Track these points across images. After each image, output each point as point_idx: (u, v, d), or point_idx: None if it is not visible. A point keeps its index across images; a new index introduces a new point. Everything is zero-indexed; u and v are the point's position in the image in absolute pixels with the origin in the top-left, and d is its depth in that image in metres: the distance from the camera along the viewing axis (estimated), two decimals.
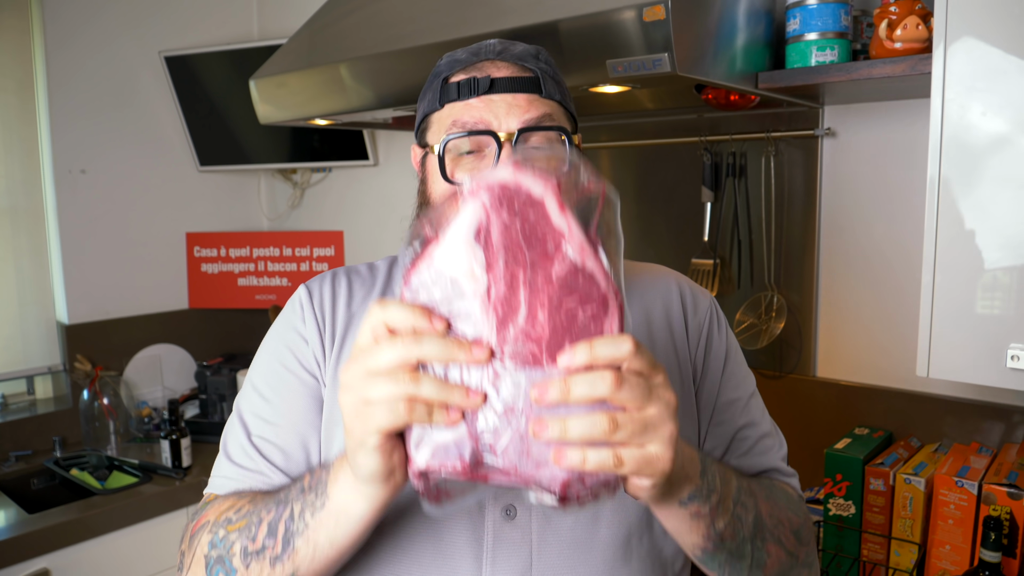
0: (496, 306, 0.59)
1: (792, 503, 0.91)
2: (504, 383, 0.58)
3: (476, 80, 0.84)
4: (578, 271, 0.60)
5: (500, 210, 0.60)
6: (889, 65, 1.27)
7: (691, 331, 0.94)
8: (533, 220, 0.60)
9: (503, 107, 0.83)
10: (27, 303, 2.47)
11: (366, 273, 0.96)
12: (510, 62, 0.86)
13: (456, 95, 0.85)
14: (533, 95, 0.85)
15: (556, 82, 0.88)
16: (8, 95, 2.39)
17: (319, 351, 0.89)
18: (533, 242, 0.60)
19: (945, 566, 1.38)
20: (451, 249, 0.60)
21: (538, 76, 0.86)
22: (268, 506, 0.77)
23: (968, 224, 1.15)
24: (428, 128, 0.89)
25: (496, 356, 0.58)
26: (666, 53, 1.19)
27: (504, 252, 0.60)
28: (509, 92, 0.84)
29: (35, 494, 2.23)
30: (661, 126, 1.92)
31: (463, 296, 0.60)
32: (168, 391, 2.73)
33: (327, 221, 2.87)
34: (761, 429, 0.96)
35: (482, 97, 0.84)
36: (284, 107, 1.93)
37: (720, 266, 1.84)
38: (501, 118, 0.83)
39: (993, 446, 1.51)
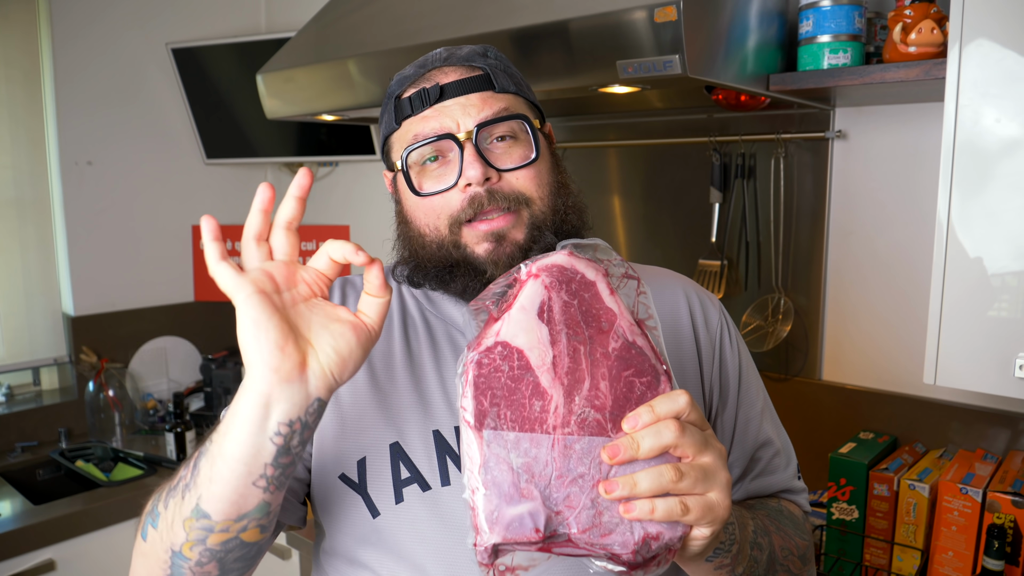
0: (563, 377, 0.63)
1: (798, 527, 0.91)
2: (574, 451, 0.62)
3: (426, 91, 0.84)
4: (630, 347, 0.65)
5: (560, 290, 0.66)
6: (903, 69, 1.26)
7: (703, 349, 0.93)
8: (588, 300, 0.67)
9: (458, 110, 0.83)
10: (33, 294, 2.48)
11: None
12: (457, 65, 0.86)
13: (410, 110, 0.85)
14: (486, 92, 0.84)
15: (509, 75, 0.87)
16: (15, 86, 2.39)
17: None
18: (590, 320, 0.66)
19: (947, 572, 1.37)
20: (517, 324, 0.65)
21: (488, 72, 0.85)
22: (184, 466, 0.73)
23: (979, 231, 1.14)
24: (391, 149, 0.89)
25: (565, 425, 0.62)
26: (677, 55, 1.19)
27: (566, 328, 0.65)
28: (461, 95, 0.83)
29: (41, 485, 2.24)
30: (670, 125, 1.91)
31: (529, 369, 0.63)
32: (173, 384, 2.74)
33: (333, 215, 2.87)
34: (774, 447, 0.96)
35: (435, 106, 0.83)
36: (291, 102, 1.92)
37: (727, 267, 1.83)
38: (457, 119, 0.82)
39: (999, 453, 1.50)
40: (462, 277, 0.84)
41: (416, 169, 0.85)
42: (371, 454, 0.83)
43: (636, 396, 0.64)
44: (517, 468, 0.61)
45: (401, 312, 0.91)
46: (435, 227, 0.84)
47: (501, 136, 0.83)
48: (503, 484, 0.61)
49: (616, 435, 0.62)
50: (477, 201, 0.81)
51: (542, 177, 0.85)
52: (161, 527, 0.72)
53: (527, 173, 0.83)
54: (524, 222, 0.83)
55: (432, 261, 0.85)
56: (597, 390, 0.63)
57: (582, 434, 0.62)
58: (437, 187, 0.83)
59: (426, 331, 0.89)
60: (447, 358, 0.87)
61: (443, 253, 0.84)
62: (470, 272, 0.83)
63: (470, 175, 0.80)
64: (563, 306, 0.66)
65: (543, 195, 0.84)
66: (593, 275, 0.68)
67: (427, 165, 0.84)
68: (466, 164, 0.81)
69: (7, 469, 2.20)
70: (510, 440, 0.62)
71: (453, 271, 0.84)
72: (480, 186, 0.81)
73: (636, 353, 0.65)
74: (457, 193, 0.82)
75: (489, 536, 0.60)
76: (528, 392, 0.63)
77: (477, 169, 0.80)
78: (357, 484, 0.84)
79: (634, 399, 0.63)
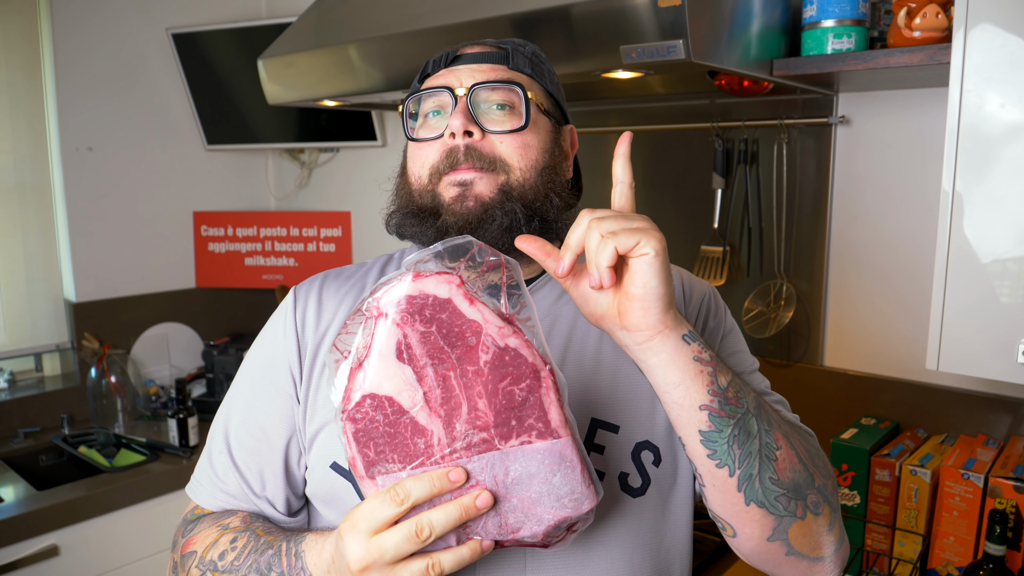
0: (438, 410, 0.64)
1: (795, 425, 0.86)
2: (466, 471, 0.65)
3: (446, 54, 0.89)
4: (503, 352, 0.65)
5: (413, 323, 0.64)
6: (907, 54, 1.25)
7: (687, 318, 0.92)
8: (447, 321, 0.65)
9: (465, 73, 0.86)
10: (35, 280, 2.48)
11: (355, 273, 0.96)
12: (486, 45, 0.90)
13: (429, 69, 0.91)
14: (499, 65, 0.87)
15: (531, 61, 0.89)
16: (15, 72, 2.38)
17: (296, 365, 0.90)
18: (454, 341, 0.65)
19: (948, 557, 1.38)
20: (379, 373, 0.64)
21: (508, 51, 0.88)
22: (257, 565, 0.79)
23: (982, 216, 1.14)
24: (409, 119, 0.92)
25: (452, 453, 0.64)
26: (680, 40, 1.18)
27: (430, 360, 0.64)
28: (476, 63, 0.87)
29: (44, 471, 2.25)
30: (672, 111, 1.91)
31: (403, 412, 0.64)
32: (175, 370, 2.74)
33: (334, 201, 2.86)
34: (760, 385, 0.93)
35: (450, 68, 0.88)
36: (292, 88, 1.92)
37: (730, 253, 1.83)
38: (462, 79, 0.86)
39: (1000, 439, 1.51)
40: (422, 223, 0.85)
41: (420, 121, 0.88)
42: None
43: (517, 403, 0.65)
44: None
45: None
46: (418, 174, 0.87)
47: (500, 104, 0.85)
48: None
49: (506, 445, 0.64)
50: (453, 155, 0.83)
51: (528, 150, 0.85)
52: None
53: (511, 139, 0.84)
54: (495, 184, 0.83)
55: (413, 209, 0.87)
56: (476, 411, 0.65)
57: (470, 455, 0.64)
58: (427, 135, 0.86)
59: None
60: None
61: (422, 202, 0.86)
62: (432, 218, 0.85)
63: (452, 124, 0.82)
64: (421, 338, 0.64)
65: (524, 167, 0.84)
66: (446, 292, 0.65)
67: (428, 118, 0.87)
68: (452, 115, 0.83)
69: (10, 455, 2.21)
70: (403, 478, 0.64)
71: (420, 216, 0.86)
72: (461, 139, 0.82)
73: (510, 359, 0.65)
74: (442, 143, 0.84)
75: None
76: (408, 433, 0.65)
77: (459, 119, 0.82)
78: (347, 472, 0.84)
79: (516, 407, 0.65)
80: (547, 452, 0.65)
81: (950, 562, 1.38)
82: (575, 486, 0.66)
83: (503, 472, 0.65)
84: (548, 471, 0.65)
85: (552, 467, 0.65)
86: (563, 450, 0.65)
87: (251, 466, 0.90)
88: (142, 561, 2.06)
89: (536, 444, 0.65)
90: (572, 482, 0.66)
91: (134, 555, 2.04)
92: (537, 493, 0.66)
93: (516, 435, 0.65)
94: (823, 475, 0.82)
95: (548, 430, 0.65)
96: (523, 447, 0.65)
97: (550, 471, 0.65)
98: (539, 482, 0.65)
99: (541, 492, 0.66)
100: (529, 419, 0.65)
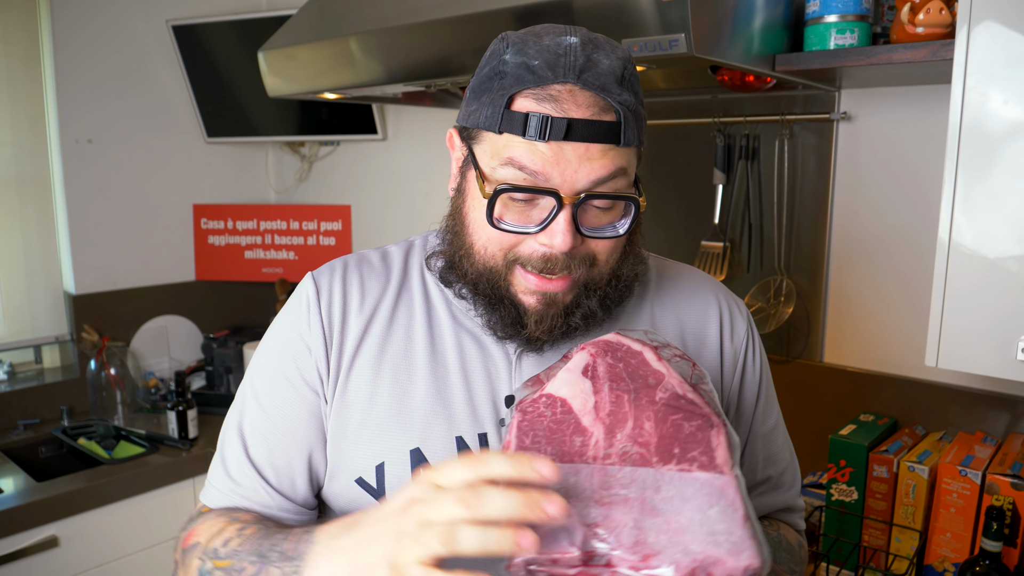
0: (604, 419, 0.65)
1: (792, 557, 0.90)
2: (616, 479, 0.61)
3: (551, 121, 0.71)
4: (680, 398, 0.66)
5: (604, 356, 0.69)
6: (910, 50, 1.25)
7: (726, 360, 0.91)
8: (635, 364, 0.69)
9: (573, 160, 0.72)
10: (34, 272, 2.47)
11: (379, 263, 0.89)
12: (592, 91, 0.72)
13: (522, 132, 0.72)
14: (609, 145, 0.73)
15: (636, 117, 0.75)
16: (14, 63, 2.37)
17: (323, 363, 0.84)
18: (636, 377, 0.67)
19: (945, 553, 1.38)
20: (562, 381, 0.67)
21: (620, 120, 0.73)
22: (252, 555, 0.74)
23: (982, 214, 1.14)
24: (478, 140, 0.77)
25: (606, 457, 0.63)
26: (683, 34, 1.17)
27: (609, 381, 0.67)
28: (583, 141, 0.72)
29: (43, 462, 2.25)
30: (674, 106, 1.90)
31: (572, 413, 0.65)
32: (175, 362, 2.74)
33: (335, 195, 2.86)
34: (784, 463, 0.96)
35: (552, 143, 0.71)
36: (293, 80, 1.91)
37: (730, 249, 1.83)
38: (567, 172, 0.72)
39: (998, 436, 1.51)
40: (503, 316, 0.79)
41: (503, 199, 0.75)
42: (390, 459, 0.81)
43: (684, 435, 0.62)
44: (555, 491, 0.59)
45: (425, 305, 0.86)
46: (492, 255, 0.77)
47: (600, 206, 0.76)
48: None
49: (663, 467, 0.61)
50: (551, 263, 0.75)
51: (619, 244, 0.79)
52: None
53: (607, 242, 0.78)
54: (578, 283, 0.78)
55: (473, 279, 0.80)
56: (641, 428, 0.63)
57: (624, 464, 0.62)
58: (516, 227, 0.75)
59: (453, 333, 0.84)
60: (473, 362, 0.83)
61: (491, 279, 0.78)
62: (510, 317, 0.79)
63: (557, 243, 0.73)
64: (608, 367, 0.68)
65: (611, 260, 0.79)
66: (639, 347, 0.70)
67: (515, 202, 0.75)
68: (557, 229, 0.73)
69: (10, 446, 2.21)
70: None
71: (494, 304, 0.79)
72: (563, 254, 0.74)
73: (686, 403, 0.65)
74: (532, 241, 0.75)
75: (521, 552, 0.57)
76: (570, 431, 0.64)
77: (567, 240, 0.73)
78: (375, 490, 0.81)
79: (682, 438, 0.62)
80: (706, 483, 0.60)
81: (947, 558, 1.38)
82: (734, 528, 0.59)
83: (653, 489, 0.60)
84: (704, 501, 0.59)
85: (709, 499, 0.59)
86: (725, 487, 0.60)
87: (266, 462, 0.85)
88: (141, 553, 2.06)
89: (696, 473, 0.61)
90: (730, 522, 0.59)
91: (133, 546, 2.05)
92: (688, 520, 0.59)
93: (676, 461, 0.61)
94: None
95: (712, 464, 0.61)
96: (681, 473, 0.61)
97: (707, 502, 0.59)
98: (692, 509, 0.59)
99: (692, 520, 0.59)
100: (693, 452, 0.62)
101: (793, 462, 0.98)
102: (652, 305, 0.91)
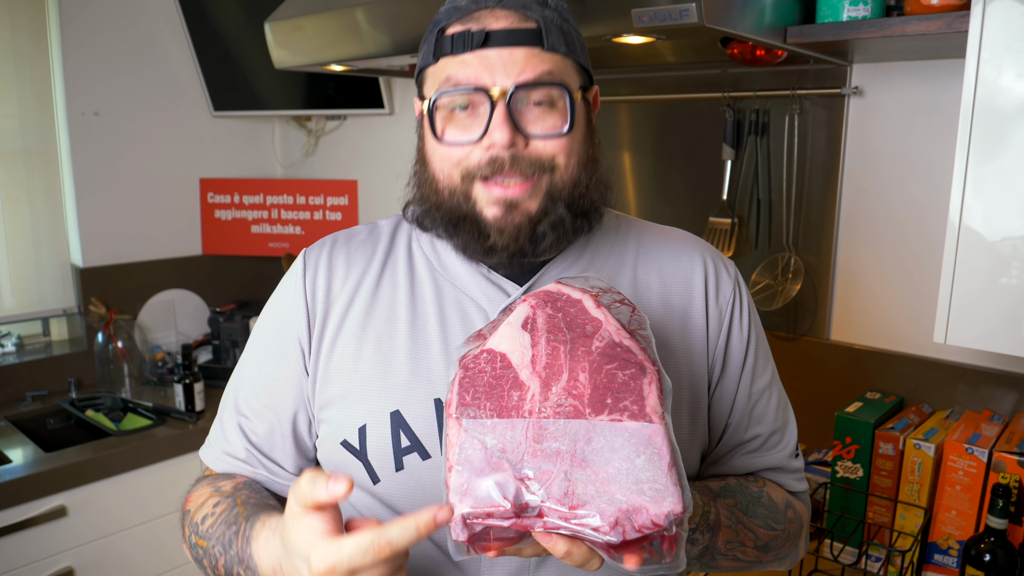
0: (541, 372, 0.67)
1: (773, 515, 0.90)
2: (548, 431, 0.64)
3: (470, 33, 0.78)
4: (615, 345, 0.68)
5: (544, 307, 0.71)
6: (924, 22, 1.23)
7: (711, 321, 0.90)
8: (573, 313, 0.71)
9: (498, 63, 0.77)
10: (42, 245, 2.48)
11: (366, 237, 0.93)
12: (511, 10, 0.79)
13: (450, 49, 0.79)
14: (533, 48, 0.78)
15: (563, 32, 0.81)
16: (21, 35, 2.36)
17: (304, 336, 0.88)
18: (574, 327, 0.69)
19: (950, 531, 1.38)
20: (502, 336, 0.69)
21: (540, 27, 0.79)
22: (220, 544, 0.80)
23: (993, 191, 1.12)
24: (424, 82, 0.85)
25: (541, 412, 0.65)
26: (693, 3, 1.16)
27: (547, 332, 0.69)
28: (506, 46, 0.78)
29: (51, 433, 2.27)
30: (683, 81, 1.88)
31: (511, 368, 0.67)
32: (181, 336, 2.75)
33: (341, 170, 2.85)
34: (773, 425, 0.95)
35: (476, 52, 0.78)
36: (299, 52, 1.90)
37: (738, 225, 1.82)
38: (496, 74, 0.77)
39: (1005, 414, 1.50)
40: (466, 233, 0.82)
41: (443, 113, 0.80)
42: (371, 422, 0.84)
43: (617, 385, 0.65)
44: (491, 447, 0.63)
45: (409, 275, 0.89)
46: (448, 175, 0.81)
47: (538, 101, 0.79)
48: (475, 460, 0.63)
49: (595, 418, 0.64)
50: (498, 163, 0.78)
51: (571, 147, 0.81)
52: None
53: (557, 142, 0.80)
54: (541, 190, 0.80)
55: (442, 208, 0.83)
56: (575, 381, 0.66)
57: (558, 417, 0.64)
58: (460, 138, 0.80)
59: (435, 296, 0.87)
60: (453, 325, 0.85)
61: (453, 202, 0.82)
62: (474, 231, 0.81)
63: (496, 138, 0.77)
64: (547, 318, 0.70)
65: (568, 164, 0.81)
66: (579, 295, 0.72)
67: (455, 112, 0.80)
68: (494, 125, 0.77)
69: (19, 417, 2.23)
70: (487, 425, 0.64)
71: (459, 224, 0.82)
72: (504, 150, 0.77)
73: (622, 351, 0.68)
74: (478, 149, 0.79)
75: (458, 507, 0.61)
76: (508, 386, 0.66)
77: (505, 134, 0.77)
78: (358, 451, 0.84)
79: (615, 388, 0.65)
80: (635, 432, 0.63)
81: (951, 536, 1.38)
82: (659, 476, 0.61)
83: (585, 440, 0.63)
84: (632, 451, 0.62)
85: (637, 448, 0.62)
86: (652, 435, 0.63)
87: (259, 431, 0.91)
88: (148, 523, 2.08)
89: (626, 423, 0.64)
90: (656, 471, 0.62)
91: (140, 517, 2.07)
92: (615, 470, 0.62)
93: (608, 411, 0.64)
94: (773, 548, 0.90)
95: (641, 413, 0.64)
96: (612, 423, 0.64)
97: (634, 451, 0.62)
98: (620, 459, 0.62)
99: (619, 470, 0.62)
100: (625, 401, 0.65)
101: (789, 425, 0.97)
102: (635, 267, 0.90)
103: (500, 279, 0.86)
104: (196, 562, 0.86)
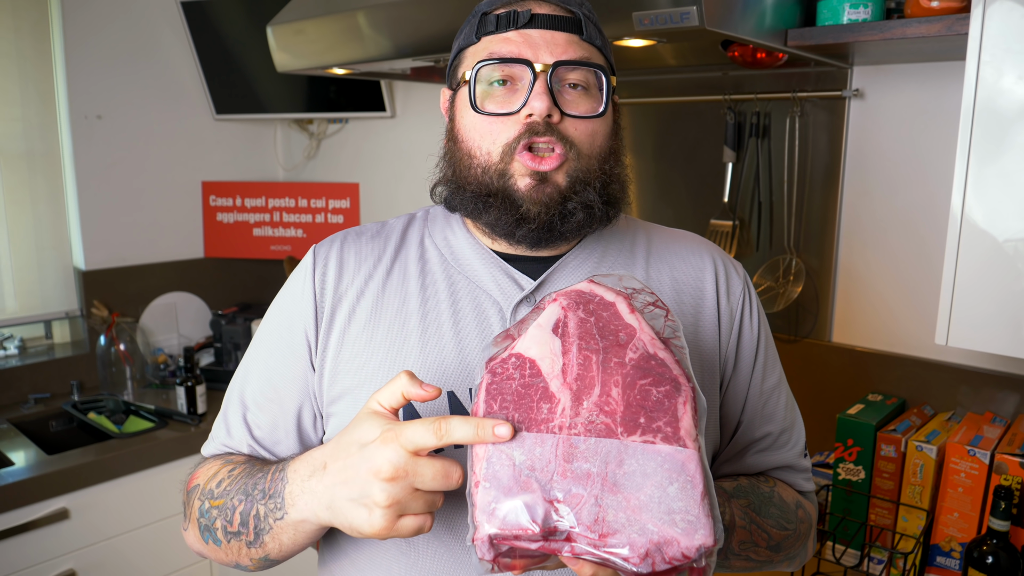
0: (572, 383, 0.64)
1: (784, 514, 0.91)
2: (579, 450, 0.62)
3: (516, 13, 0.82)
4: (650, 358, 0.65)
5: (576, 309, 0.68)
6: (924, 24, 1.23)
7: (723, 320, 0.91)
8: (606, 318, 0.68)
9: (541, 43, 0.81)
10: (44, 248, 2.49)
11: (377, 233, 0.93)
12: (552, 2, 0.84)
13: (494, 27, 0.83)
14: (573, 35, 0.82)
15: (597, 28, 0.85)
16: (23, 37, 2.37)
17: (312, 332, 0.88)
18: (606, 333, 0.67)
19: (952, 533, 1.38)
20: (531, 339, 0.67)
21: (580, 18, 0.83)
22: (240, 493, 0.81)
23: (994, 192, 1.12)
24: (461, 63, 0.86)
25: (572, 428, 0.62)
26: (694, 6, 1.16)
27: (579, 339, 0.66)
28: (549, 29, 0.81)
29: (54, 436, 2.27)
30: (684, 83, 1.88)
31: (540, 376, 0.65)
32: (183, 339, 2.76)
33: (343, 173, 2.85)
34: (782, 424, 0.96)
35: (520, 31, 0.81)
36: (301, 55, 1.90)
37: (739, 228, 1.82)
38: (539, 51, 0.80)
39: (1007, 416, 1.50)
40: (496, 209, 0.82)
41: (482, 86, 0.82)
42: None
43: (651, 403, 0.63)
44: (519, 464, 0.61)
45: (421, 269, 0.89)
46: (487, 150, 0.82)
47: (574, 84, 0.81)
48: (503, 478, 0.61)
49: (627, 438, 0.62)
50: (535, 128, 0.79)
51: (598, 136, 0.83)
52: (224, 551, 0.84)
53: (587, 126, 0.82)
54: (571, 167, 0.81)
55: (472, 184, 0.83)
56: (608, 396, 0.63)
57: (589, 435, 0.62)
58: (499, 109, 0.81)
59: (448, 289, 0.87)
60: (467, 318, 0.85)
61: (486, 179, 0.82)
62: (505, 205, 0.81)
63: (535, 106, 0.78)
64: (579, 322, 0.67)
65: (593, 153, 0.82)
66: (613, 297, 0.69)
67: (494, 87, 0.82)
68: (534, 95, 0.79)
69: (21, 420, 2.23)
70: (516, 439, 0.62)
71: (489, 201, 0.82)
72: (542, 119, 0.79)
73: (656, 364, 0.65)
74: (516, 121, 0.80)
75: (485, 527, 0.60)
76: (537, 396, 0.64)
77: (544, 102, 0.78)
78: None
79: (648, 406, 0.63)
80: (668, 457, 0.61)
81: (953, 538, 1.38)
82: (691, 506, 0.60)
83: (616, 462, 0.61)
84: (665, 477, 0.60)
85: (670, 474, 0.61)
86: (687, 462, 0.61)
87: (263, 424, 0.90)
88: (151, 526, 2.08)
89: (659, 446, 0.61)
90: (688, 500, 0.60)
91: (143, 520, 2.07)
92: (647, 497, 0.60)
93: (641, 432, 0.62)
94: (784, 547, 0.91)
95: (675, 436, 0.62)
96: (645, 446, 0.62)
97: (667, 477, 0.60)
98: (652, 485, 0.60)
99: (651, 497, 0.60)
100: (659, 421, 0.62)
101: (797, 424, 0.98)
102: (647, 265, 0.91)
103: (514, 272, 0.86)
104: (203, 532, 0.85)
